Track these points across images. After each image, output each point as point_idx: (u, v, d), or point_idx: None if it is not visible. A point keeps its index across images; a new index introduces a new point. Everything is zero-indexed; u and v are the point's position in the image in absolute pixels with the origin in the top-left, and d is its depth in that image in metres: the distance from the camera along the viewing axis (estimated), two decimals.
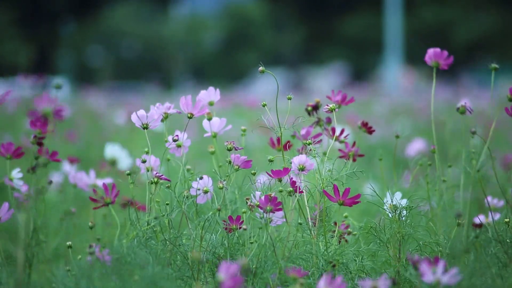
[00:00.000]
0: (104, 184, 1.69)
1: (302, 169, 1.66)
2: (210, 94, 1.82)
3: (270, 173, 1.65)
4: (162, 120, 1.75)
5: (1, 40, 22.23)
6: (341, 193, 1.63)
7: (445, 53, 1.81)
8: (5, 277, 1.56)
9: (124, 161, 2.52)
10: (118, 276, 1.43)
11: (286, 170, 1.65)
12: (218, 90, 1.82)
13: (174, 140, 1.70)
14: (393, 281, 1.61)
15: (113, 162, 2.48)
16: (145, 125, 1.69)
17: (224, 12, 26.59)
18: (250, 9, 26.07)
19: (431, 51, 1.80)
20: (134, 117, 1.69)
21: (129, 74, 24.16)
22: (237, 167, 1.66)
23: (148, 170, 1.69)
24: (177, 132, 1.74)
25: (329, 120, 1.90)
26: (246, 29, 25.55)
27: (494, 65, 1.72)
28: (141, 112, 1.69)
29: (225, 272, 1.31)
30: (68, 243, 1.69)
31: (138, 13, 26.26)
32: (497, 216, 1.78)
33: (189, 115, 1.72)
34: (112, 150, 2.50)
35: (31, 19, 24.23)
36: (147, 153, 1.71)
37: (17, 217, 1.66)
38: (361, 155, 1.88)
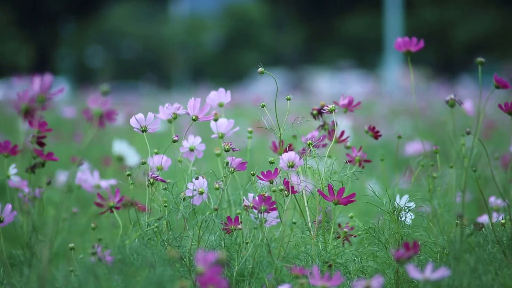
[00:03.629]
0: (108, 188, 1.69)
1: (291, 166, 1.65)
2: (220, 95, 1.80)
3: (261, 176, 1.64)
4: (169, 121, 1.75)
5: (1, 40, 22.24)
6: (335, 193, 1.63)
7: (414, 39, 1.81)
8: (28, 272, 1.56)
9: (132, 158, 2.51)
10: (121, 276, 1.43)
11: (276, 172, 1.64)
12: (229, 92, 1.80)
13: (174, 141, 1.70)
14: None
15: (120, 159, 2.48)
16: (143, 128, 1.69)
17: (224, 12, 26.60)
18: (250, 9, 26.08)
19: (399, 41, 1.81)
20: (133, 121, 1.69)
21: (129, 74, 24.17)
22: (232, 169, 1.66)
23: (159, 170, 1.69)
24: (190, 136, 1.73)
25: (334, 124, 1.87)
26: (246, 29, 25.56)
27: (480, 59, 1.71)
28: (140, 115, 1.69)
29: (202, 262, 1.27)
30: (70, 245, 1.69)
31: (138, 13, 26.27)
32: (497, 217, 1.78)
33: (194, 117, 1.72)
34: (120, 147, 2.50)
35: (31, 19, 24.24)
36: (156, 153, 1.71)
37: (19, 217, 1.66)
38: (367, 161, 1.87)
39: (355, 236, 1.79)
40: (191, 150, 1.74)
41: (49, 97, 1.47)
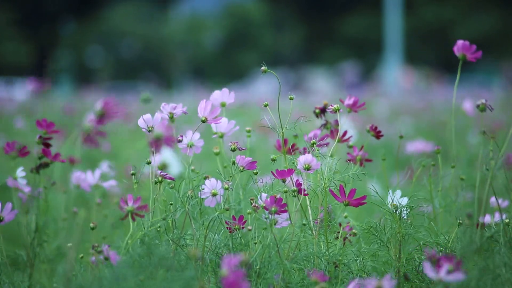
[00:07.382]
0: (130, 195, 1.69)
1: (308, 168, 1.66)
2: (223, 95, 1.81)
3: (275, 174, 1.65)
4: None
5: (1, 40, 22.24)
6: (346, 194, 1.63)
7: (474, 47, 1.86)
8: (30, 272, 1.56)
9: (174, 167, 2.56)
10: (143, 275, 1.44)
11: (290, 171, 1.65)
12: (232, 92, 1.81)
13: (179, 141, 1.71)
14: (406, 277, 1.63)
15: (163, 167, 2.52)
16: (150, 128, 1.70)
17: (224, 12, 26.60)
18: (250, 9, 26.08)
19: (460, 43, 1.87)
20: (140, 121, 1.70)
21: (129, 74, 24.16)
22: (242, 168, 1.66)
23: (161, 168, 1.69)
24: (189, 132, 1.74)
25: (337, 123, 1.88)
26: (246, 29, 25.57)
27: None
28: (147, 116, 1.70)
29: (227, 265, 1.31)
30: (69, 244, 1.69)
31: (138, 13, 26.27)
32: (502, 217, 1.78)
33: (203, 119, 1.73)
34: (166, 155, 2.55)
35: (31, 19, 24.23)
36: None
37: (20, 218, 1.66)
38: (368, 160, 1.88)
39: (353, 236, 1.79)
40: (190, 146, 1.75)
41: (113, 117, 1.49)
